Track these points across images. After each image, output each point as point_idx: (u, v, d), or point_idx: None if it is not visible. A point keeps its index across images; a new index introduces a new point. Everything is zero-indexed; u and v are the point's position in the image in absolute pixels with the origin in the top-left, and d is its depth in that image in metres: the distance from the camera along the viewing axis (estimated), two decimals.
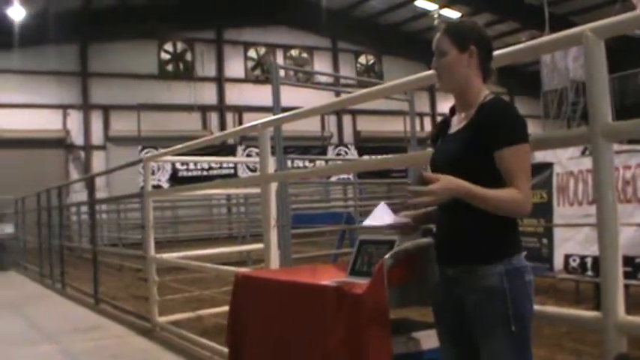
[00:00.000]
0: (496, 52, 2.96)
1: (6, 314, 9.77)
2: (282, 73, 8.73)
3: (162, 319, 7.46)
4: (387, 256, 3.02)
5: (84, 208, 21.63)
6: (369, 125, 33.16)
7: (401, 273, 3.07)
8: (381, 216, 3.19)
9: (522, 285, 2.74)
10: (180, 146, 6.84)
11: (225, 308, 7.09)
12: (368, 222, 3.29)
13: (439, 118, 30.89)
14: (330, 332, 3.07)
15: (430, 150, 3.22)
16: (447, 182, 2.59)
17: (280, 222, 5.87)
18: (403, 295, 3.13)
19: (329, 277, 3.39)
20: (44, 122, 27.76)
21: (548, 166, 8.70)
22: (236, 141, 27.75)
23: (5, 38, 25.68)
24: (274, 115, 6.40)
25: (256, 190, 9.04)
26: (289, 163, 9.53)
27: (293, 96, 11.73)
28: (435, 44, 2.89)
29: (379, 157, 5.65)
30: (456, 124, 2.91)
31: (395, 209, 3.26)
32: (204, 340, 6.42)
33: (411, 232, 3.14)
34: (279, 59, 32.00)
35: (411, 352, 3.27)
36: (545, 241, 8.80)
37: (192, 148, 6.83)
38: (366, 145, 31.57)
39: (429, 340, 3.24)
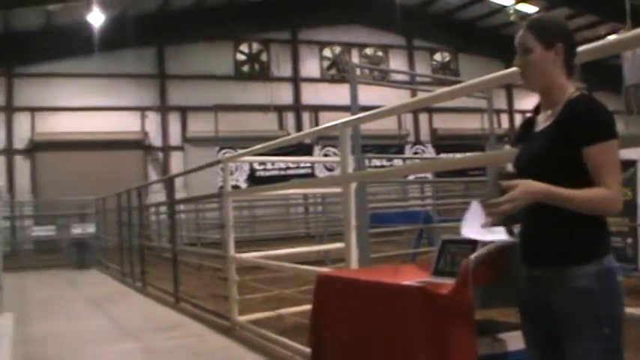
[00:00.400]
0: (579, 49, 2.88)
1: (89, 312, 9.98)
2: (357, 71, 8.69)
3: (241, 318, 7.50)
4: (472, 256, 2.99)
5: (162, 208, 22.02)
6: (445, 123, 32.72)
7: (486, 273, 3.00)
8: (476, 222, 3.11)
9: (614, 286, 2.63)
10: (259, 146, 6.83)
11: (305, 307, 7.12)
12: (466, 231, 3.26)
13: (516, 116, 30.61)
14: (414, 333, 3.00)
15: (509, 148, 3.15)
16: (526, 186, 2.53)
17: (359, 222, 5.84)
18: (488, 296, 3.06)
19: (411, 277, 3.33)
20: (123, 124, 28.35)
21: (632, 163, 8.45)
22: (313, 140, 27.85)
23: (85, 44, 26.30)
24: (352, 114, 6.36)
25: (334, 190, 9.06)
26: (367, 162, 9.47)
27: (369, 94, 11.69)
28: (518, 41, 2.78)
29: (458, 155, 5.60)
30: (542, 122, 2.82)
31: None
32: (284, 339, 6.41)
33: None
34: (354, 58, 31.84)
35: (497, 353, 3.19)
36: (629, 240, 8.57)
37: (271, 148, 6.84)
38: (442, 143, 31.31)
39: (514, 341, 3.16)
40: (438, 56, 34.90)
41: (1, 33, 25.05)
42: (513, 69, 2.98)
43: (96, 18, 25.20)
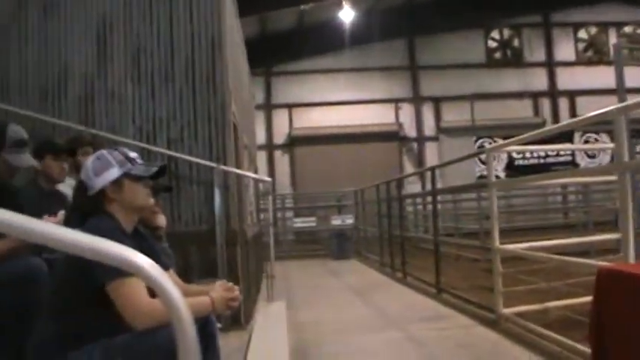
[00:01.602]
0: None
1: (352, 301, 10.22)
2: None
3: (506, 311, 7.35)
4: None
5: (418, 199, 22.20)
6: None
7: None
8: None
9: None
10: (526, 135, 6.60)
11: (571, 301, 6.88)
12: None
13: None
14: None
15: None
16: None
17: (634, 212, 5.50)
18: None
19: None
20: (378, 116, 28.92)
21: None
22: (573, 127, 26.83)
23: (337, 40, 27.16)
24: (619, 98, 6.02)
25: (597, 179, 8.65)
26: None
27: (633, 76, 11.02)
28: None
29: None
30: None
31: None
32: (552, 334, 6.21)
33: None
34: (612, 38, 30.19)
35: None
36: None
37: (537, 137, 6.60)
38: None
39: None
40: None
41: (258, 35, 26.37)
42: None
43: (346, 14, 25.88)
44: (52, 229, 1.89)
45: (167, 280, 1.83)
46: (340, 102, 28.75)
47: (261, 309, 8.16)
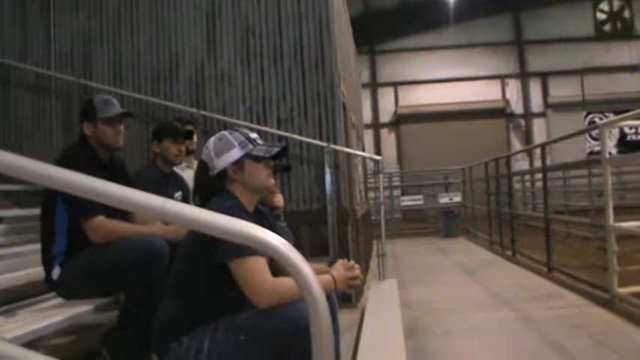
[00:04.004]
0: None
1: (462, 279, 10.20)
2: None
3: (622, 290, 7.20)
4: None
5: (527, 176, 21.83)
6: None
7: None
8: None
9: None
10: None
11: None
12: None
13: None
14: None
15: None
16: None
17: None
18: None
19: None
20: (483, 93, 28.62)
21: None
22: None
23: (440, 17, 26.95)
24: None
25: None
26: None
27: None
28: None
29: None
30: None
31: None
32: None
33: None
34: None
35: None
36: None
37: None
38: None
39: None
40: None
41: (361, 14, 26.38)
42: None
43: None
44: (181, 208, 1.98)
45: (299, 257, 1.88)
46: (445, 79, 28.57)
47: (372, 287, 8.21)
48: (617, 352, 5.38)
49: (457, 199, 18.77)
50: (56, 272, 4.04)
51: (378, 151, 27.37)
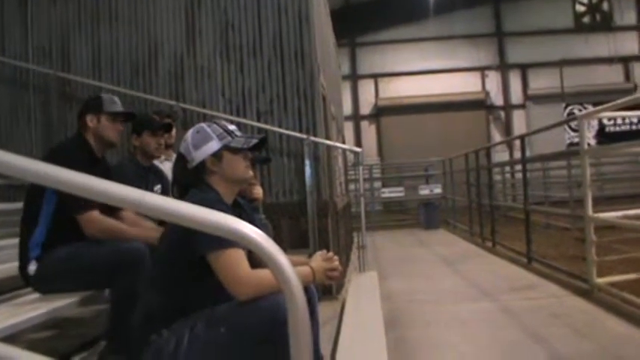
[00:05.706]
0: None
1: (443, 271, 10.22)
2: None
3: (600, 280, 7.26)
4: None
5: (506, 168, 21.93)
6: None
7: None
8: None
9: None
10: (620, 101, 6.44)
11: None
12: None
13: None
14: None
15: None
16: None
17: None
18: None
19: None
20: (463, 85, 28.73)
21: None
22: None
23: (420, 9, 27.02)
24: None
25: None
26: None
27: None
28: None
29: None
30: None
31: None
32: None
33: None
34: None
35: None
36: None
37: (630, 103, 6.46)
38: None
39: None
40: None
41: (342, 6, 26.41)
42: None
43: None
44: (160, 201, 1.98)
45: (277, 250, 1.89)
46: (425, 71, 28.64)
47: (352, 279, 8.24)
48: (596, 341, 5.43)
49: (437, 190, 18.81)
50: (32, 267, 4.03)
51: (358, 143, 27.42)
